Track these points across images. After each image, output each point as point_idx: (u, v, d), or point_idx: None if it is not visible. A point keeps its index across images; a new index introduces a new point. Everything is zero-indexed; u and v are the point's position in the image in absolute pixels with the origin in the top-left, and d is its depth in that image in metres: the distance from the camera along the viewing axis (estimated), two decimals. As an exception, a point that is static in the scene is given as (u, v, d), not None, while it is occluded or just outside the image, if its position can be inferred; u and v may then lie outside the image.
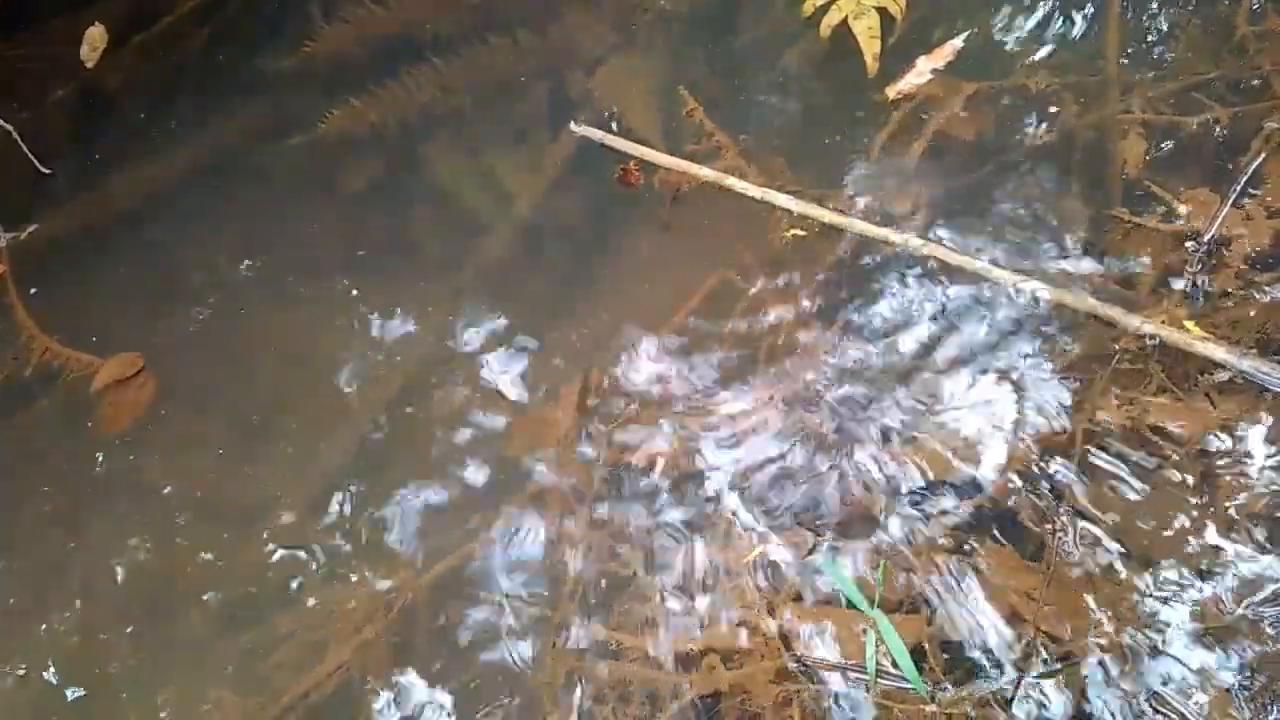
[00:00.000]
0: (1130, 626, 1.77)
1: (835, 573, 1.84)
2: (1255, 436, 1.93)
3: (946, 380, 2.10)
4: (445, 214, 2.55)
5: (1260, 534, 1.83)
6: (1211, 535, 1.84)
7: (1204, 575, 1.81)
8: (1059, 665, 1.76)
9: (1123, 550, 1.85)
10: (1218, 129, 2.32)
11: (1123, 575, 1.82)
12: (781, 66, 2.64)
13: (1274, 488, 1.87)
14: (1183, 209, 2.20)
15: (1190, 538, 1.85)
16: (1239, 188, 2.20)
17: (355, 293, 2.42)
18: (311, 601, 2.01)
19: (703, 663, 1.84)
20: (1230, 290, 2.08)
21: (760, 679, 1.80)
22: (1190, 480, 1.90)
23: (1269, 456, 1.91)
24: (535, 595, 1.96)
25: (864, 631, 1.81)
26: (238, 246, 2.52)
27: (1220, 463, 1.91)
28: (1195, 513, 1.87)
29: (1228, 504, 1.87)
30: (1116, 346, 2.05)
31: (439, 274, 2.42)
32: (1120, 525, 1.87)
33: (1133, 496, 1.90)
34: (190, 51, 2.89)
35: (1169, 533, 1.86)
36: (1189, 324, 2.04)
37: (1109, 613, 1.79)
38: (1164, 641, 1.76)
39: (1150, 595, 1.80)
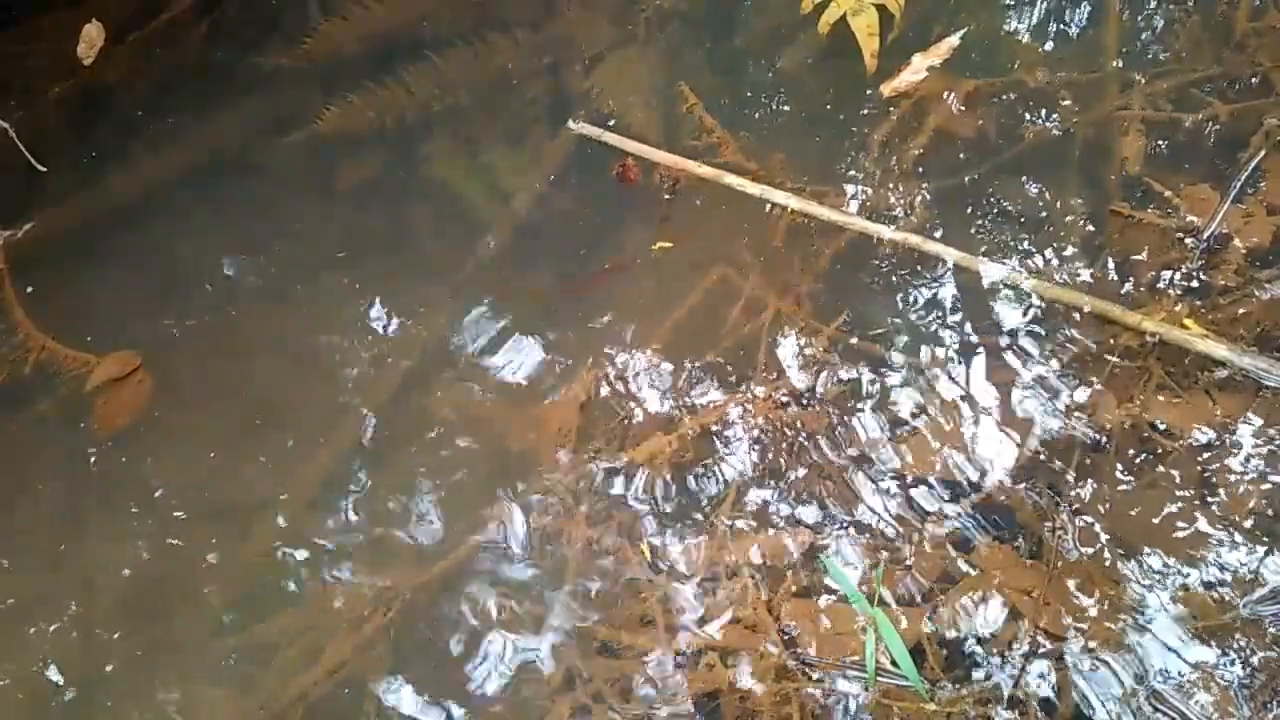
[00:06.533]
0: (1130, 624, 1.77)
1: (835, 571, 1.84)
2: (1255, 433, 1.92)
3: (945, 378, 2.09)
4: (444, 211, 2.55)
5: (1261, 531, 1.83)
6: (1212, 533, 1.84)
7: (1204, 573, 1.81)
8: (1058, 663, 1.76)
9: (1122, 548, 1.85)
10: (1217, 125, 2.31)
11: (1122, 573, 1.82)
12: (780, 63, 2.64)
13: (1275, 485, 1.87)
14: (1183, 206, 2.20)
15: (1190, 535, 1.84)
16: (1239, 184, 2.20)
17: (353, 291, 2.42)
18: (310, 601, 2.01)
19: (702, 661, 1.84)
20: (1230, 287, 2.08)
21: (759, 677, 1.80)
22: (1190, 477, 1.90)
23: (1269, 453, 1.90)
24: (534, 593, 1.96)
25: (863, 630, 1.81)
26: (235, 244, 2.52)
27: (1220, 460, 1.91)
28: (1195, 510, 1.87)
29: (1228, 501, 1.87)
30: (1116, 344, 2.05)
31: (438, 272, 2.42)
32: (1120, 523, 1.87)
33: (1132, 494, 1.90)
34: (188, 49, 2.88)
35: (1169, 530, 1.85)
36: (1188, 321, 2.04)
37: (1109, 610, 1.79)
38: (1163, 639, 1.75)
39: (1150, 593, 1.80)
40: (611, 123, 2.56)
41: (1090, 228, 2.24)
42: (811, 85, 2.61)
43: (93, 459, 2.22)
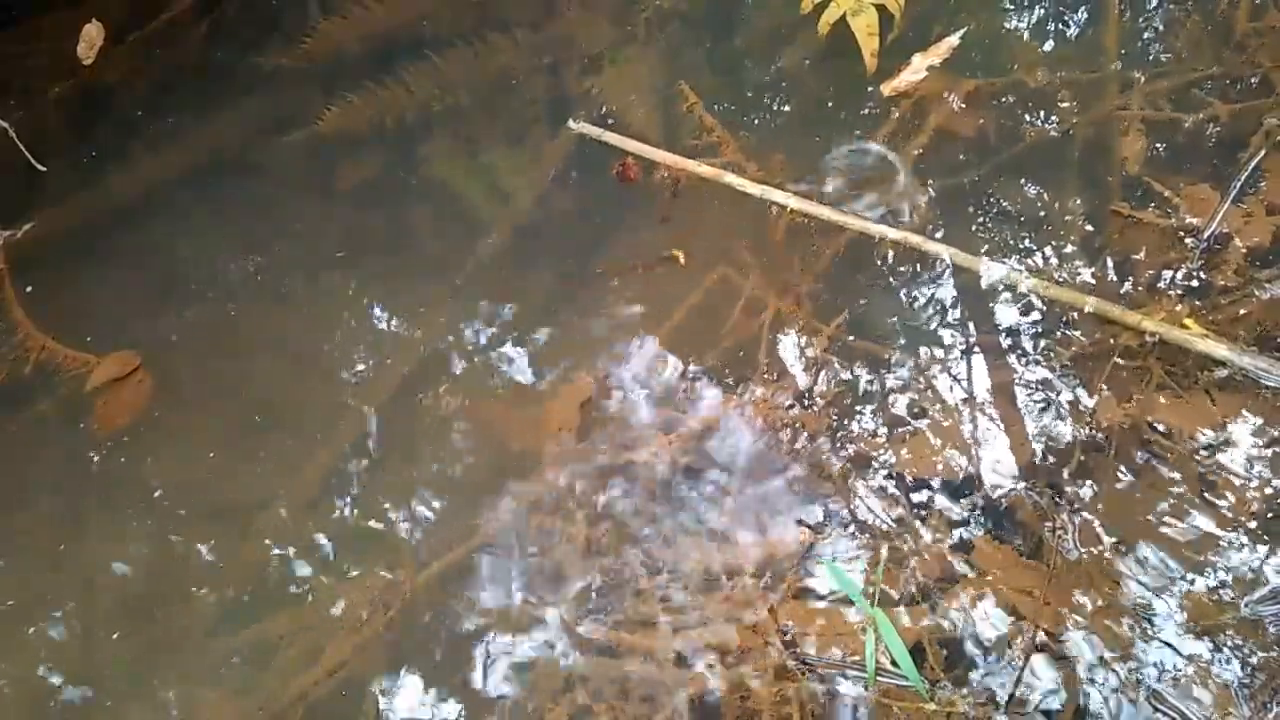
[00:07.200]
0: (1130, 624, 1.77)
1: (835, 571, 1.84)
2: (1255, 433, 1.92)
3: (945, 377, 2.09)
4: (444, 212, 2.54)
5: (1261, 531, 1.83)
6: (1211, 532, 1.84)
7: (1204, 573, 1.81)
8: (1058, 663, 1.76)
9: (1122, 548, 1.85)
10: (1217, 125, 2.31)
11: (1122, 573, 1.82)
12: (780, 63, 2.64)
13: (1275, 484, 1.87)
14: (1183, 206, 2.20)
15: (1190, 535, 1.84)
16: (1239, 184, 2.20)
17: (353, 290, 2.42)
18: (310, 600, 2.01)
19: (701, 661, 1.84)
20: (1230, 287, 2.08)
21: (759, 677, 1.80)
22: (1190, 477, 1.89)
23: (1269, 453, 1.90)
24: (534, 593, 1.96)
25: (863, 630, 1.81)
26: (235, 244, 2.52)
27: (1220, 459, 1.91)
28: (1195, 510, 1.86)
29: (1228, 501, 1.87)
30: (1116, 343, 2.05)
31: (437, 272, 2.42)
32: (1120, 523, 1.87)
33: (1132, 494, 1.90)
34: (188, 48, 2.88)
35: (1169, 530, 1.85)
36: (1189, 321, 2.04)
37: (1108, 610, 1.79)
38: (1164, 639, 1.75)
39: (1150, 593, 1.80)
40: (611, 122, 2.56)
41: (1090, 228, 2.24)
42: (811, 85, 2.61)
43: (93, 459, 2.22)
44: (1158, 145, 2.32)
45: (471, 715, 1.86)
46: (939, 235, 2.26)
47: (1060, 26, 2.61)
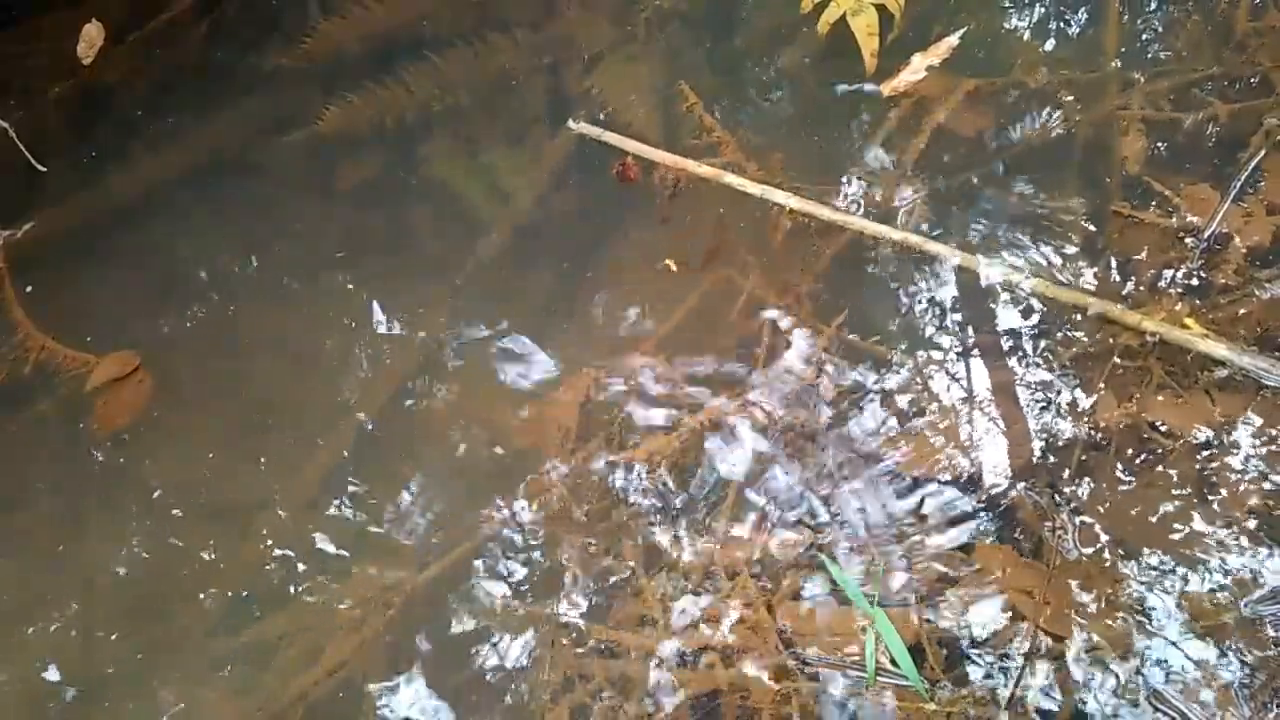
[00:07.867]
0: (1130, 624, 1.77)
1: (836, 571, 1.84)
2: (1255, 433, 1.92)
3: (945, 377, 2.09)
4: (444, 211, 2.55)
5: (1261, 531, 1.83)
6: (1212, 532, 1.84)
7: (1204, 573, 1.81)
8: (1058, 663, 1.76)
9: (1122, 548, 1.85)
10: (1217, 125, 2.31)
11: (1122, 572, 1.82)
12: (780, 63, 2.64)
13: (1274, 484, 1.87)
14: (1183, 205, 2.20)
15: (1190, 535, 1.84)
16: (1239, 184, 2.20)
17: (352, 290, 2.42)
18: (309, 601, 2.01)
19: (701, 661, 1.84)
20: (1230, 286, 2.08)
21: (759, 677, 1.80)
22: (1190, 477, 1.89)
23: (1269, 453, 1.90)
24: (534, 593, 1.96)
25: (863, 630, 1.81)
26: (235, 244, 2.52)
27: (1220, 459, 1.90)
28: (1195, 510, 1.86)
29: (1228, 501, 1.86)
30: (1116, 343, 2.05)
31: (437, 272, 2.42)
32: (1120, 523, 1.87)
33: (1132, 494, 1.90)
34: (188, 48, 2.88)
35: (1168, 530, 1.85)
36: (1189, 321, 2.04)
37: (1108, 610, 1.79)
38: (1164, 639, 1.75)
39: (1150, 593, 1.80)
40: (611, 122, 2.56)
41: (1090, 228, 2.24)
42: (811, 85, 2.61)
43: (92, 459, 2.22)
44: (1158, 145, 2.32)
45: (471, 715, 1.86)
46: (939, 235, 2.26)
47: (1060, 26, 2.61)
